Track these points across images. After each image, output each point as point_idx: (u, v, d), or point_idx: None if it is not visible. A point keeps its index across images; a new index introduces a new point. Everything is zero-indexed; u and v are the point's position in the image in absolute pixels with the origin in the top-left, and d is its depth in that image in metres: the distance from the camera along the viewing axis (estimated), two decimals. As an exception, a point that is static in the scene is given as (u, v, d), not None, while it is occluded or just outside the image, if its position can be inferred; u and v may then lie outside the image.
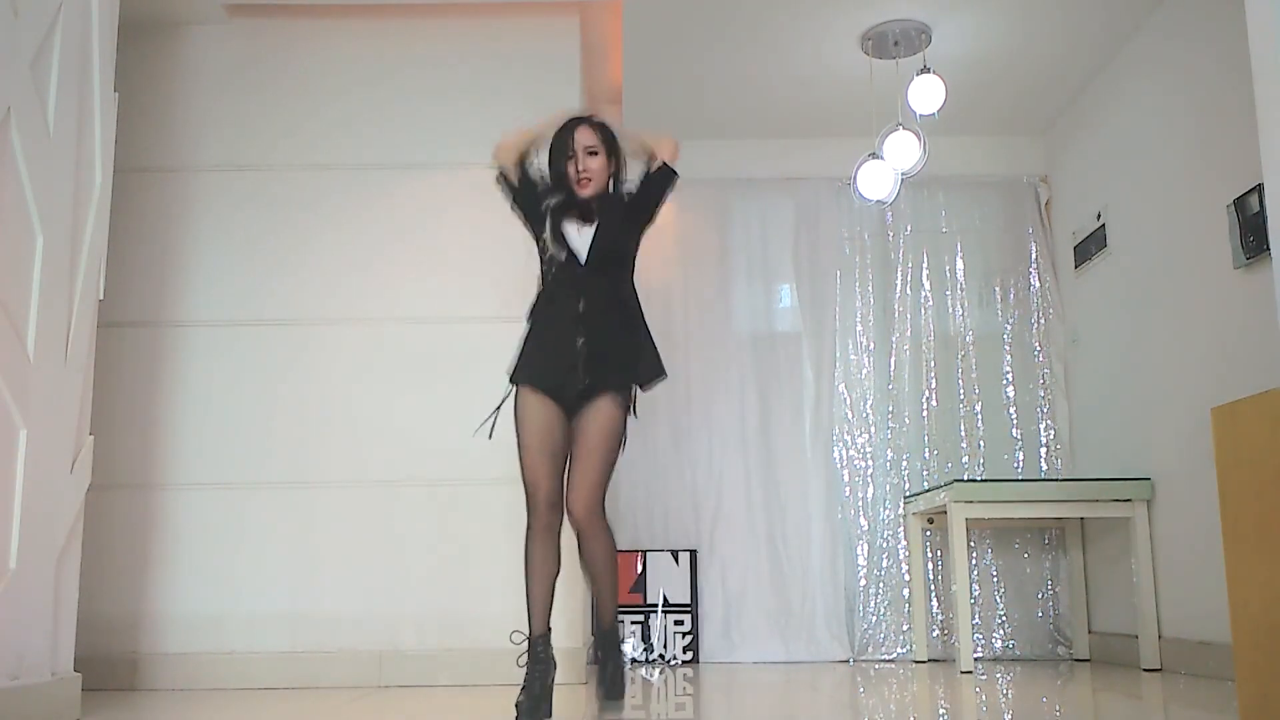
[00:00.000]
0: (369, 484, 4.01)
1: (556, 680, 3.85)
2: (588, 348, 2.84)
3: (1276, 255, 2.44)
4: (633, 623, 4.78)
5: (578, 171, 2.92)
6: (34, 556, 2.86)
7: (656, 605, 4.80)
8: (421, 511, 3.99)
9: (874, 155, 4.51)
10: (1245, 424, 2.47)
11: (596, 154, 2.93)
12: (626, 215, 3.02)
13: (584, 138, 2.94)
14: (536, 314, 2.96)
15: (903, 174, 4.49)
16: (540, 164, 3.03)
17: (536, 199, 3.00)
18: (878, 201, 4.66)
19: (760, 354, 5.11)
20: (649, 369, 2.97)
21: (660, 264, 5.18)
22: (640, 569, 4.84)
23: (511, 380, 2.92)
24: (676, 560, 4.86)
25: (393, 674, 3.85)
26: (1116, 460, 4.54)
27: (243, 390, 4.07)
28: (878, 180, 4.52)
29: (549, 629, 2.88)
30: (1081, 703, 3.33)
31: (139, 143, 4.13)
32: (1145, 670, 4.08)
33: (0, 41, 2.76)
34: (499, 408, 2.99)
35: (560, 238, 2.90)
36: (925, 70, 4.30)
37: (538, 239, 2.98)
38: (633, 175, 3.13)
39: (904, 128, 4.39)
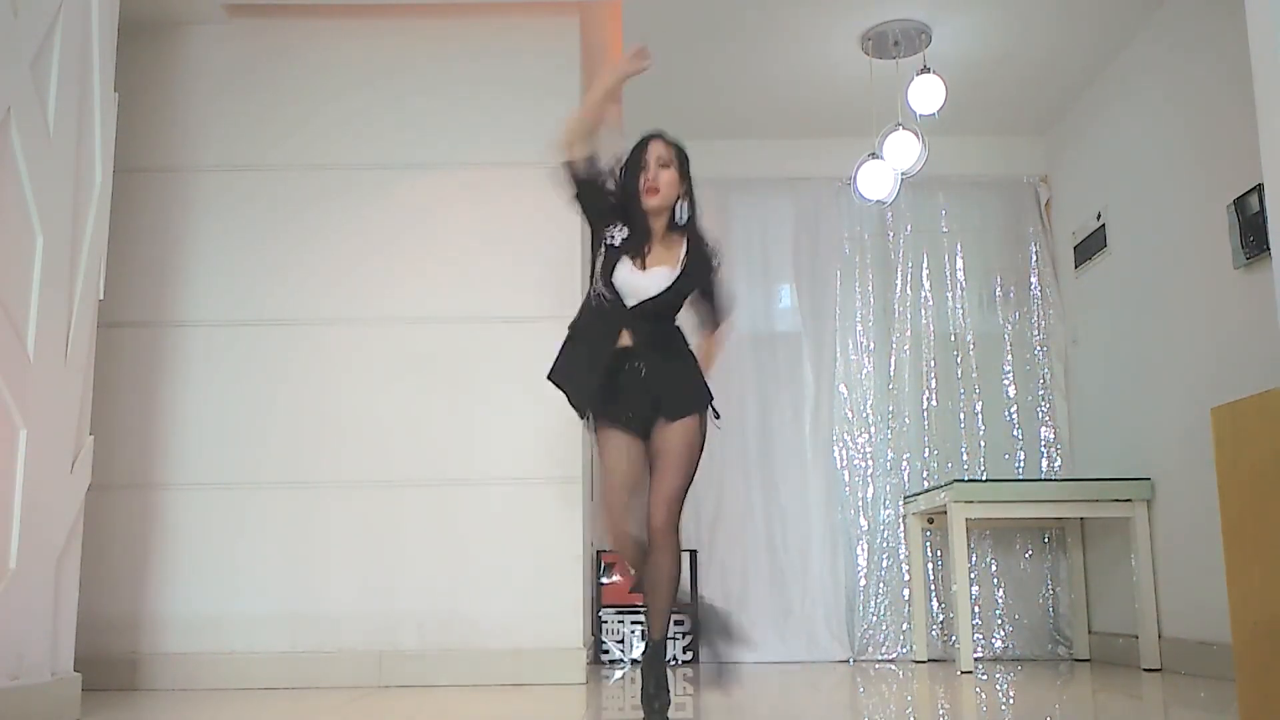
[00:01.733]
0: (369, 484, 4.01)
1: (554, 680, 3.87)
2: (646, 377, 2.83)
3: (1276, 255, 2.44)
4: (633, 623, 4.78)
5: (646, 179, 2.86)
6: (34, 556, 2.86)
7: (656, 605, 4.79)
8: (422, 511, 3.99)
9: (874, 155, 4.51)
10: (1245, 424, 2.47)
11: (668, 167, 2.89)
12: (687, 285, 2.92)
13: (658, 149, 2.90)
14: (579, 335, 2.92)
15: (903, 174, 4.49)
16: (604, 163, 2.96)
17: (601, 195, 2.90)
18: (878, 201, 4.66)
19: (760, 354, 5.11)
20: (699, 400, 2.91)
21: (660, 264, 5.17)
22: (640, 569, 4.83)
23: (582, 414, 2.92)
24: (676, 560, 4.85)
25: (393, 674, 3.85)
26: (1116, 460, 4.54)
27: (243, 390, 4.07)
28: (878, 180, 4.52)
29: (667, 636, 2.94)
30: (1081, 703, 3.34)
31: (139, 143, 4.13)
32: (1145, 670, 4.08)
33: (0, 41, 2.76)
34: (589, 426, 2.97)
35: (609, 278, 2.84)
36: (925, 70, 4.29)
37: (595, 245, 2.91)
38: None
39: (904, 128, 4.39)
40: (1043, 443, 5.04)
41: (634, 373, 2.83)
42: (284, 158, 4.23)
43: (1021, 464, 5.02)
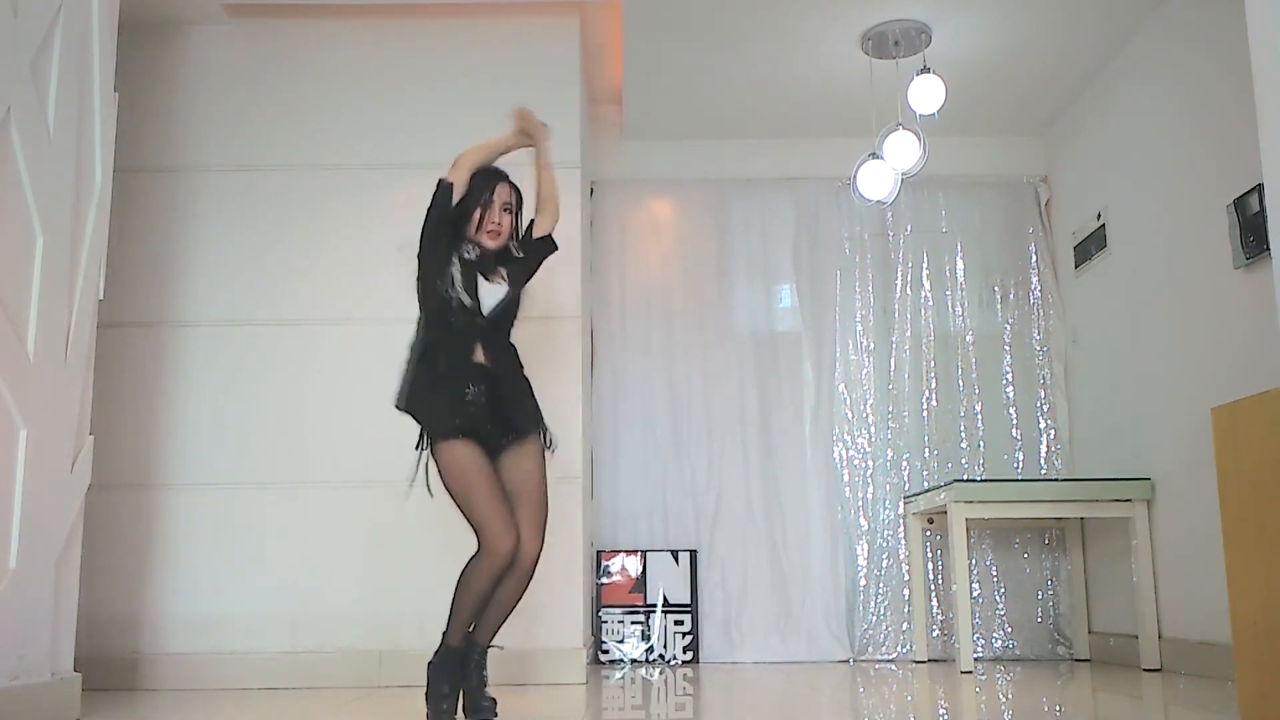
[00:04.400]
0: (369, 484, 4.01)
1: (555, 680, 3.86)
2: (492, 395, 2.88)
3: (1276, 255, 2.44)
4: (633, 623, 4.78)
5: (489, 221, 2.96)
6: (34, 556, 2.86)
7: (656, 605, 4.80)
8: (422, 511, 3.96)
9: (874, 155, 4.51)
10: (1245, 424, 2.48)
11: (509, 212, 3.01)
12: (526, 277, 3.10)
13: (503, 194, 3.00)
14: (429, 355, 2.93)
15: (903, 174, 4.49)
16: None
17: (451, 226, 2.97)
18: (878, 201, 4.66)
19: (760, 354, 5.11)
20: (539, 415, 3.02)
21: (660, 264, 5.18)
22: (640, 569, 4.84)
23: (440, 435, 2.88)
24: (676, 560, 4.86)
25: (393, 674, 3.85)
26: (1116, 460, 4.54)
27: (243, 390, 4.07)
28: (878, 180, 4.52)
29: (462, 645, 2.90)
30: (1081, 703, 3.34)
31: (139, 143, 4.13)
32: (1145, 670, 4.08)
33: (0, 41, 2.76)
34: (422, 458, 2.97)
35: (473, 288, 2.91)
36: (925, 70, 4.29)
37: (430, 268, 2.94)
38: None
39: (904, 128, 4.39)
40: (1043, 443, 5.04)
41: (489, 390, 2.88)
42: (284, 158, 4.23)
43: (1021, 464, 5.02)
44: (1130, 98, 4.41)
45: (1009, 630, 4.85)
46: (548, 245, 3.17)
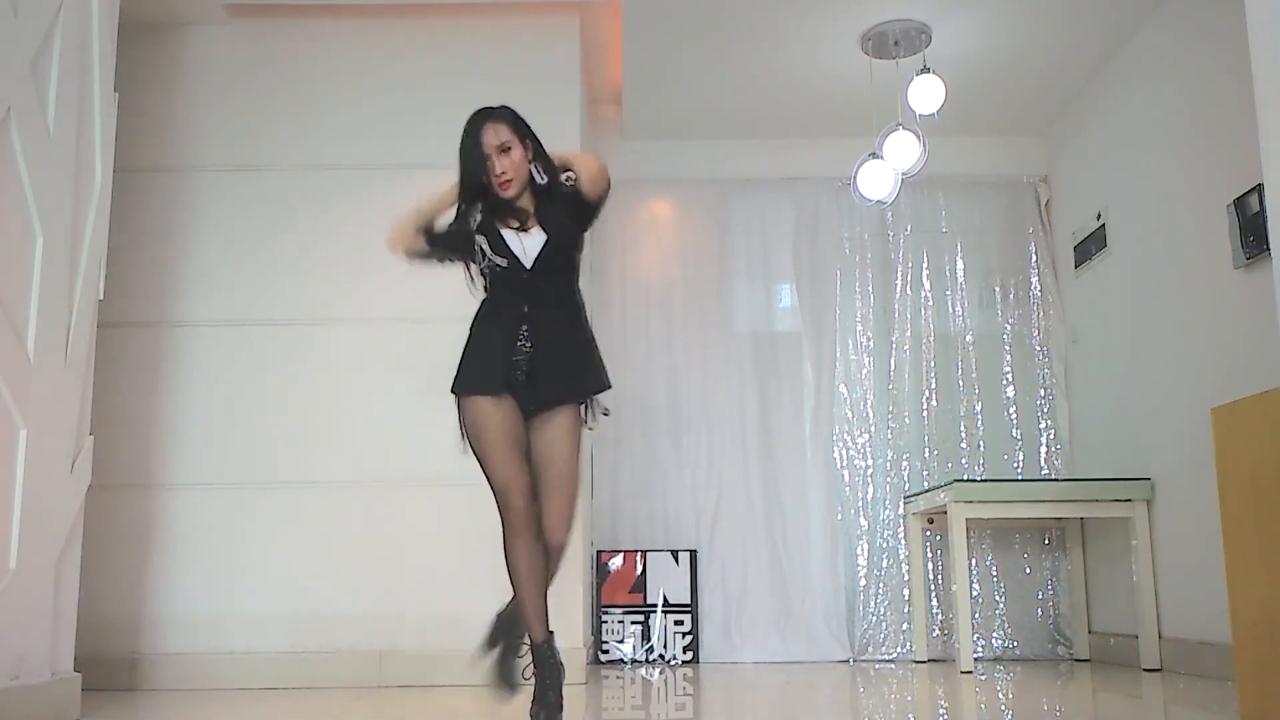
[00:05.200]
0: (369, 484, 4.01)
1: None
2: (535, 351, 2.72)
3: (1276, 255, 2.44)
4: (633, 623, 4.78)
5: (494, 176, 2.72)
6: (34, 556, 2.86)
7: (656, 605, 4.80)
8: (421, 511, 3.99)
9: (874, 155, 4.51)
10: (1245, 424, 2.48)
11: (510, 149, 2.72)
12: (569, 218, 2.80)
13: (491, 136, 2.71)
14: (480, 321, 2.83)
15: (903, 174, 4.49)
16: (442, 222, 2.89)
17: (457, 238, 2.84)
18: (878, 201, 4.66)
19: (760, 354, 5.11)
20: (595, 380, 2.82)
21: (660, 264, 5.18)
22: (640, 569, 4.84)
23: (456, 391, 2.77)
24: (676, 560, 4.86)
25: (393, 674, 3.85)
26: (1116, 460, 4.54)
27: (243, 390, 4.07)
28: (878, 180, 4.52)
29: (551, 631, 2.74)
30: (1081, 703, 3.34)
31: (139, 143, 4.13)
32: (1145, 670, 4.08)
33: (0, 41, 2.76)
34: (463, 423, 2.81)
35: (501, 245, 2.75)
36: (925, 70, 4.29)
37: (473, 259, 2.82)
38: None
39: (904, 128, 4.39)
40: (1043, 443, 5.04)
41: (532, 350, 2.71)
42: (284, 158, 4.23)
43: (1021, 464, 5.02)
44: (1130, 97, 4.41)
45: (1009, 630, 4.85)
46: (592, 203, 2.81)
